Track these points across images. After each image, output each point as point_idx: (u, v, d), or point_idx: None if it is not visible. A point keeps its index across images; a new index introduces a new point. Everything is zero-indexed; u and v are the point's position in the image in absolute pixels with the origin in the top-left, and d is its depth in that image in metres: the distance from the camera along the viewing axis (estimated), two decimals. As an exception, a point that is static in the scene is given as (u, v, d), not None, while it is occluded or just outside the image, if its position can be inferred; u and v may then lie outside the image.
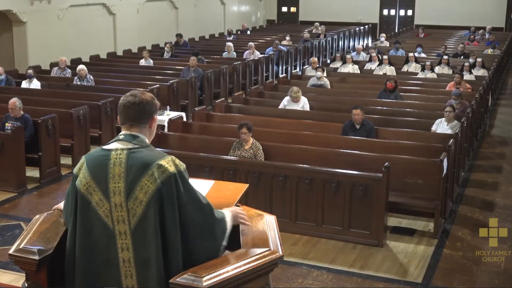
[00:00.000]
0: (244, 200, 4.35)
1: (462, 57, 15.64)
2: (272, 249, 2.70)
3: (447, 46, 17.29)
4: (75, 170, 2.74)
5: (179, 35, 18.03)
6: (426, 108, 9.98)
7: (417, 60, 14.15)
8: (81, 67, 12.10)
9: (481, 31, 21.27)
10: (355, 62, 14.38)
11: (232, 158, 7.31)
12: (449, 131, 8.47)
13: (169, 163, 2.64)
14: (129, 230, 2.62)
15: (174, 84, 11.76)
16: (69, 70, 12.94)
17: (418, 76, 13.11)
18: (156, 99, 2.83)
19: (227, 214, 2.85)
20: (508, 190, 8.54)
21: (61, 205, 3.02)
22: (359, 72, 13.92)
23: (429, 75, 12.95)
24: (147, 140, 2.75)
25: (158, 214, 2.60)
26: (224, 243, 2.77)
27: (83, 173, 2.68)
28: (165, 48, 16.32)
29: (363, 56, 15.94)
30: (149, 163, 2.62)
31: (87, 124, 9.44)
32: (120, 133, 2.75)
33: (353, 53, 15.89)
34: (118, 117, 2.79)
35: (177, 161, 2.69)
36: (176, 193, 2.62)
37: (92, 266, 2.65)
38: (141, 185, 2.60)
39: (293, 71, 16.75)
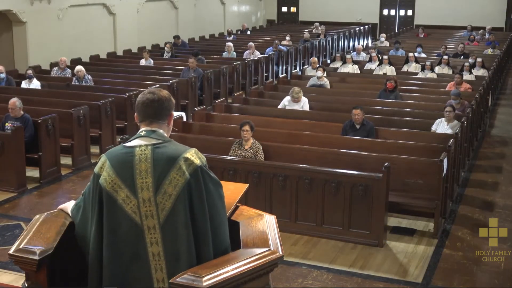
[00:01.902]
0: (244, 200, 4.34)
1: (462, 57, 15.62)
2: (272, 249, 2.70)
3: (447, 46, 17.27)
4: (96, 169, 2.76)
5: (176, 37, 17.95)
6: (426, 108, 9.97)
7: (417, 60, 14.14)
8: (78, 68, 12.01)
9: (481, 31, 21.24)
10: (355, 62, 14.37)
11: (232, 158, 7.31)
12: (449, 131, 8.46)
13: (193, 156, 2.71)
14: (158, 224, 2.66)
15: (174, 84, 11.76)
16: (69, 70, 12.91)
17: (418, 76, 13.09)
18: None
19: None
20: (508, 190, 8.54)
21: (66, 205, 3.01)
22: (359, 72, 13.91)
23: (429, 75, 12.94)
24: (166, 135, 2.81)
25: (188, 206, 2.65)
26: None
27: (107, 171, 2.70)
28: (165, 48, 16.30)
29: (363, 56, 15.93)
30: (176, 157, 2.67)
31: (87, 124, 9.43)
32: (141, 130, 2.78)
33: (353, 53, 15.87)
34: (135, 114, 2.83)
35: (199, 153, 2.75)
36: (204, 184, 2.68)
37: (120, 263, 2.67)
38: (170, 179, 2.65)
39: (293, 71, 16.74)
